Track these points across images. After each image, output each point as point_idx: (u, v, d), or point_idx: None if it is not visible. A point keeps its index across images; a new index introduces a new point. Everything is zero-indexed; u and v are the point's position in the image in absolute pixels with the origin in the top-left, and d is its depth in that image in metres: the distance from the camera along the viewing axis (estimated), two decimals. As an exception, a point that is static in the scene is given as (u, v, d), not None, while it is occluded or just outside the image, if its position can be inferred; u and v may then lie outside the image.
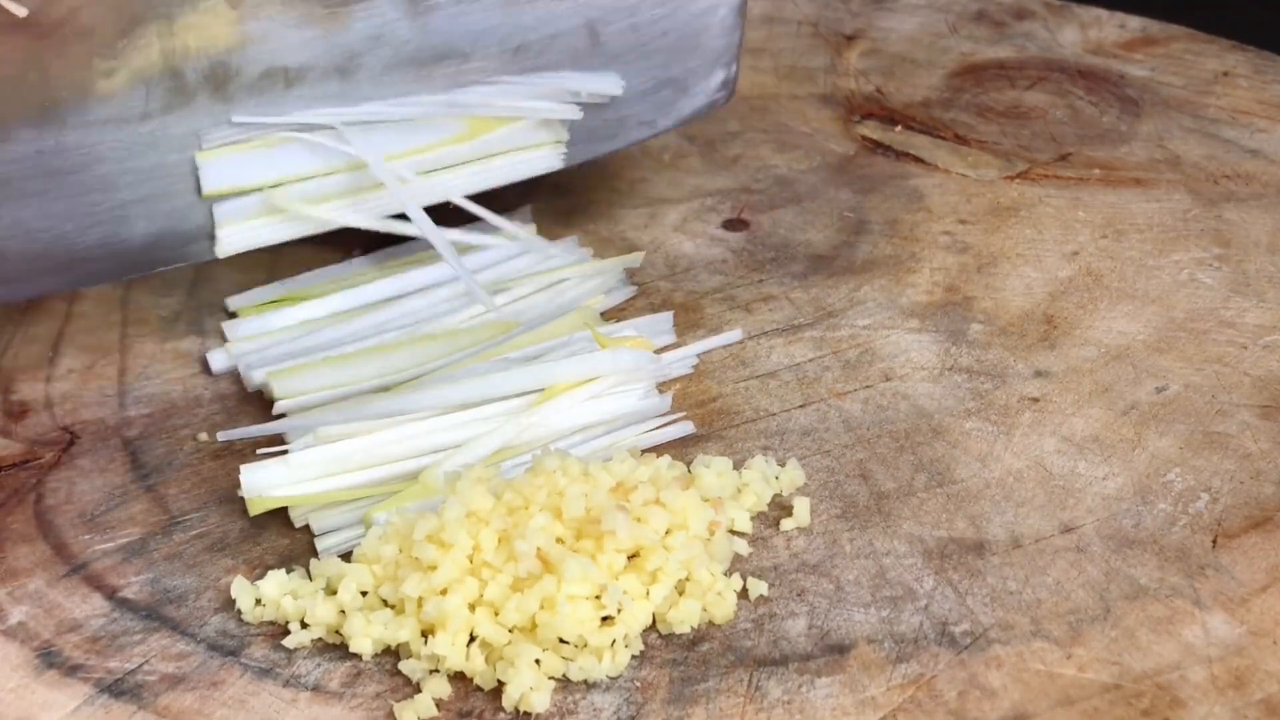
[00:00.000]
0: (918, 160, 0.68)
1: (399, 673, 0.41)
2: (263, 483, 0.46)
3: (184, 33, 0.47)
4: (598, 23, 0.54)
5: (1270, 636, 0.41)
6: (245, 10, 0.47)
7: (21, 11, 0.42)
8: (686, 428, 0.50)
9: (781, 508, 0.47)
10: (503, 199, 0.58)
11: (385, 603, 0.42)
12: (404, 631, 0.41)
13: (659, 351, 0.53)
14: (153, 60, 0.47)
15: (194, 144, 0.49)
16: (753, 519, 0.46)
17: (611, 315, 0.56)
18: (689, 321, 0.56)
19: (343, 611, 0.42)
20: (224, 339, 0.55)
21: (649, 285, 0.58)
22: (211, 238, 0.52)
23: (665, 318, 0.55)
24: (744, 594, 0.43)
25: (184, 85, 0.48)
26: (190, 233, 0.51)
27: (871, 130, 0.71)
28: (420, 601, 0.41)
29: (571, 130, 0.56)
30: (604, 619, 0.41)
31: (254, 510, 0.45)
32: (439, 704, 0.40)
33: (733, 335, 0.54)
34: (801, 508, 0.46)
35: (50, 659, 0.41)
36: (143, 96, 0.47)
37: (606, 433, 0.49)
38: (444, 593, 0.41)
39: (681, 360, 0.53)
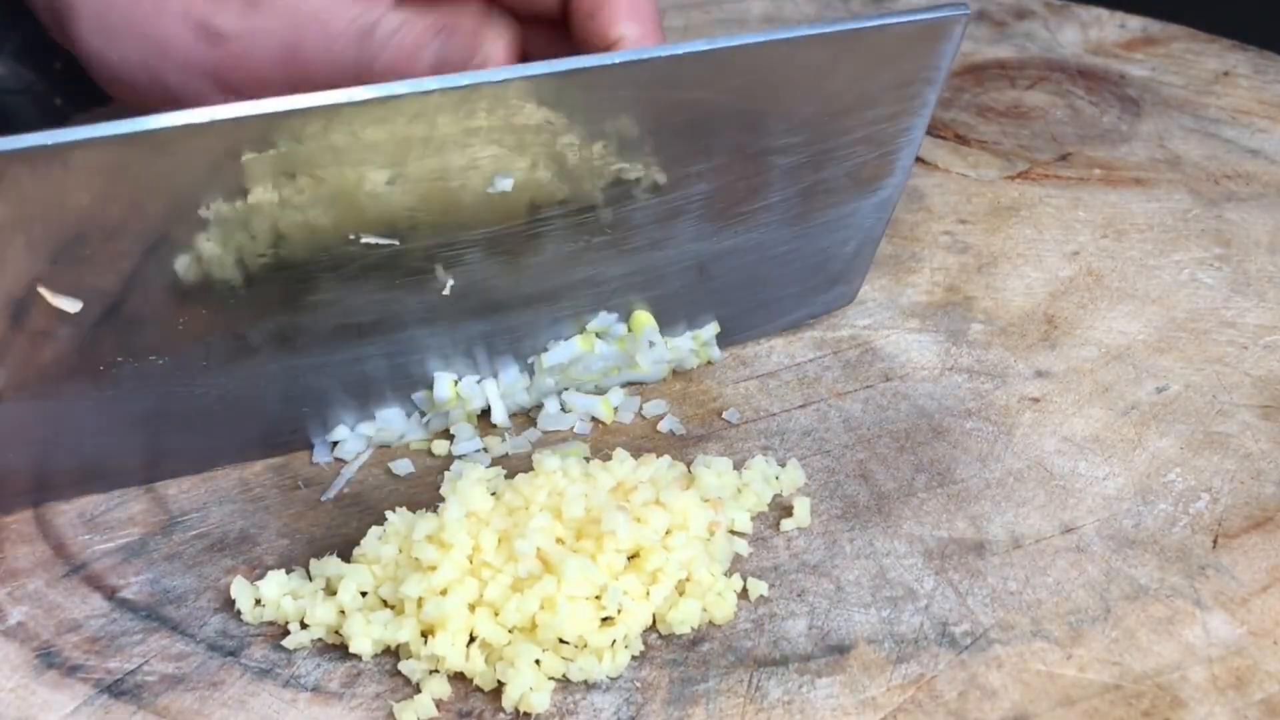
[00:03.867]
0: (918, 160, 0.68)
1: (399, 673, 0.41)
2: None
3: (249, 304, 0.43)
4: (709, 264, 0.50)
5: (1270, 637, 0.41)
6: (316, 280, 0.44)
7: (74, 308, 0.41)
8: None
9: (781, 508, 0.47)
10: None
11: (385, 603, 0.42)
12: (404, 632, 0.41)
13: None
14: (214, 326, 0.43)
15: (255, 382, 0.46)
16: (753, 519, 0.46)
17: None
18: (689, 321, 0.56)
19: (342, 612, 0.42)
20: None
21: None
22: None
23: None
24: (744, 594, 0.43)
25: (247, 344, 0.44)
26: (262, 440, 0.48)
27: (872, 130, 0.71)
28: (420, 602, 0.41)
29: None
30: (604, 619, 0.41)
31: None
32: (439, 704, 0.40)
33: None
34: (801, 508, 0.46)
35: (50, 659, 0.41)
36: (203, 354, 0.44)
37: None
38: (444, 593, 0.41)
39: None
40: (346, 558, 0.44)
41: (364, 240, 0.43)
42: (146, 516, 0.47)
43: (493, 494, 0.44)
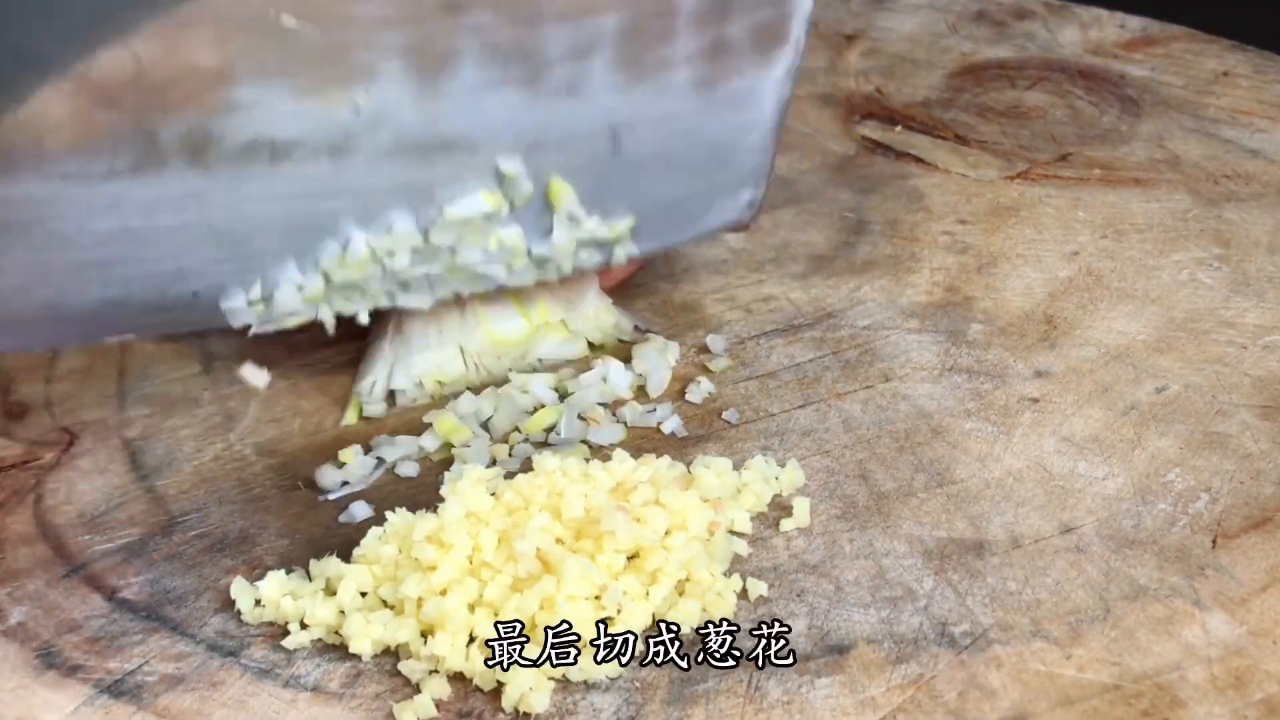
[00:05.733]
0: (918, 160, 0.68)
1: (399, 673, 0.41)
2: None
3: (163, 88, 0.42)
4: (622, 127, 0.50)
5: (1270, 636, 0.41)
6: (234, 72, 0.42)
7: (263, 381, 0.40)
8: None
9: (781, 508, 0.47)
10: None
11: (385, 603, 0.42)
12: (404, 632, 0.41)
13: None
14: (123, 115, 0.42)
15: (159, 210, 0.44)
16: (753, 519, 0.46)
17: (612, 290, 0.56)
18: (689, 321, 0.56)
19: (342, 612, 0.42)
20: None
21: (649, 285, 0.58)
22: (203, 310, 0.47)
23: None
24: (744, 594, 0.43)
25: (156, 146, 0.43)
26: (160, 303, 0.46)
27: (871, 130, 0.71)
28: (420, 602, 0.41)
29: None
30: (604, 619, 0.41)
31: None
32: (439, 704, 0.40)
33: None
34: (801, 508, 0.46)
35: (50, 659, 0.41)
36: (108, 153, 0.42)
37: None
38: (444, 593, 0.41)
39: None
40: (346, 558, 0.44)
41: (283, 19, 0.42)
42: (146, 516, 0.47)
43: (492, 494, 0.44)
